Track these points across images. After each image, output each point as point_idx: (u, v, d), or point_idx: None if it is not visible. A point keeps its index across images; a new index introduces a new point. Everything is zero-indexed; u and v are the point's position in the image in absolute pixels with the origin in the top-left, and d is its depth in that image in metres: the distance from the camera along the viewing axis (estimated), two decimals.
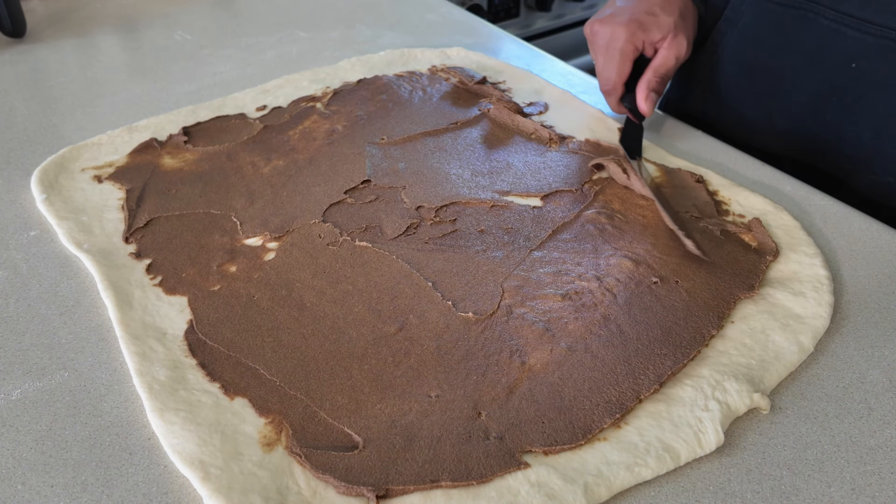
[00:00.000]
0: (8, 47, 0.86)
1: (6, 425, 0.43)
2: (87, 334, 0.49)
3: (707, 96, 0.75)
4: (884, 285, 0.53)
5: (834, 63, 0.65)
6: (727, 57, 0.72)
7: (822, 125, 0.67)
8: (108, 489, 0.39)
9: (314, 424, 0.42)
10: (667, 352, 0.46)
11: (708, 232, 0.56)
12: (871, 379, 0.46)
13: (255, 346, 0.47)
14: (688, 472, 0.40)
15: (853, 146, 0.66)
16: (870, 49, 0.62)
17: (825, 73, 0.66)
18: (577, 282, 0.51)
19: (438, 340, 0.47)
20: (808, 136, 0.68)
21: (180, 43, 0.88)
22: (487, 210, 0.58)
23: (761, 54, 0.70)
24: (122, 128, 0.69)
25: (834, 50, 0.64)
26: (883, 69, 0.62)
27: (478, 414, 0.42)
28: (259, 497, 0.38)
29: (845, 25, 0.63)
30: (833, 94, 0.66)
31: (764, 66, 0.70)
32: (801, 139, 0.69)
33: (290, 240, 0.55)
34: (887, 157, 0.64)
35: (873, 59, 0.62)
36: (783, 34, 0.68)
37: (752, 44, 0.70)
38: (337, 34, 0.91)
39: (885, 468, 0.41)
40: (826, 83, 0.66)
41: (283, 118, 0.70)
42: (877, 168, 0.65)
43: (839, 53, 0.64)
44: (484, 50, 0.86)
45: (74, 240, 0.55)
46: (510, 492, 0.38)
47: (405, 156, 0.65)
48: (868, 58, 0.63)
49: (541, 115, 0.72)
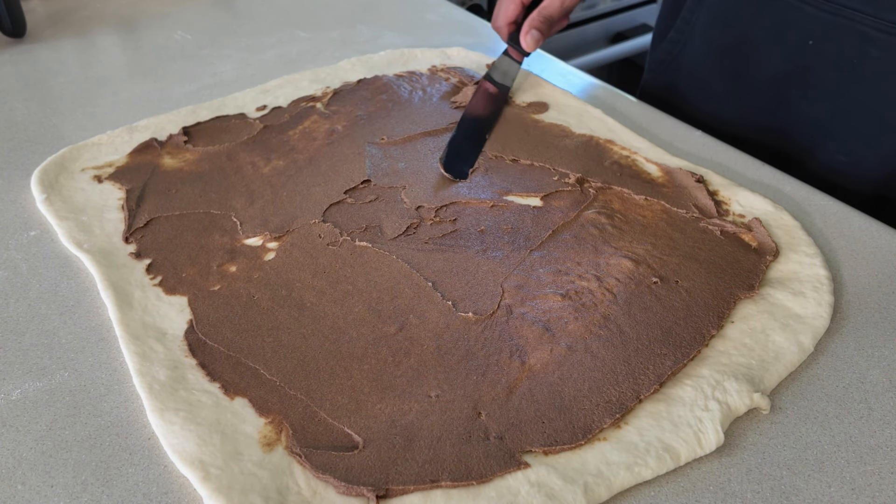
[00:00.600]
0: (8, 47, 0.86)
1: (6, 425, 0.43)
2: (87, 334, 0.49)
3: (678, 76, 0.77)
4: (884, 285, 0.53)
5: (794, 41, 0.67)
6: (697, 36, 0.75)
7: (783, 104, 0.69)
8: (108, 489, 0.39)
9: (314, 424, 0.42)
10: (667, 352, 0.46)
11: (708, 232, 0.56)
12: (871, 379, 0.46)
13: (255, 346, 0.47)
14: (688, 472, 0.40)
15: (810, 125, 0.68)
16: (827, 27, 0.64)
17: (786, 51, 0.68)
18: (577, 282, 0.51)
19: (438, 340, 0.47)
20: (770, 115, 0.70)
21: (180, 43, 0.88)
22: (487, 210, 0.58)
23: (728, 32, 0.72)
24: (122, 128, 0.69)
25: (794, 27, 0.66)
26: (838, 48, 0.64)
27: (478, 414, 0.42)
28: (259, 497, 0.38)
29: (805, 2, 0.65)
30: (794, 73, 0.68)
31: (730, 45, 0.72)
32: (764, 118, 0.71)
33: (290, 240, 0.55)
34: (841, 137, 0.66)
35: (830, 37, 0.64)
36: (747, 12, 0.70)
37: (719, 22, 0.73)
38: (337, 34, 0.91)
39: (885, 468, 0.41)
40: (788, 61, 0.68)
41: (283, 118, 0.70)
42: (832, 147, 0.67)
43: (798, 31, 0.66)
44: (484, 50, 0.86)
45: (74, 240, 0.55)
46: (510, 492, 0.38)
47: (405, 156, 0.65)
48: (825, 36, 0.64)
49: (541, 114, 0.72)
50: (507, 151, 0.65)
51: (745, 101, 0.72)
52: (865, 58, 0.63)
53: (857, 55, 0.63)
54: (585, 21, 1.57)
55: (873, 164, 0.65)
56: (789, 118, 0.69)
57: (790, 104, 0.69)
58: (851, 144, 0.66)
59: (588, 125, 0.70)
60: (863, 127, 0.65)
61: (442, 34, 0.92)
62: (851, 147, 0.66)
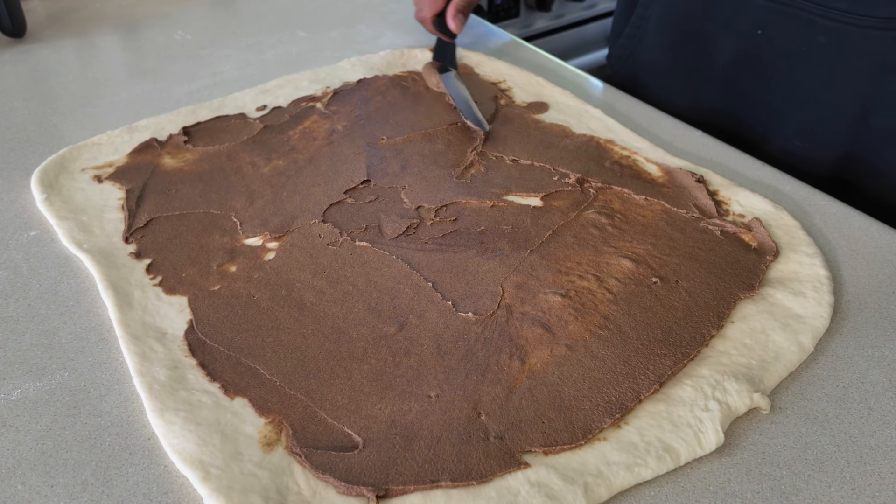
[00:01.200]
0: (8, 47, 0.86)
1: (6, 425, 0.43)
2: (87, 334, 0.49)
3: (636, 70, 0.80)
4: (884, 285, 0.53)
5: (745, 31, 0.69)
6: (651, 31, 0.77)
7: (738, 93, 0.72)
8: (108, 489, 0.39)
9: (314, 424, 0.42)
10: (667, 352, 0.46)
11: (708, 232, 0.56)
12: (871, 379, 0.46)
13: (255, 346, 0.47)
14: (688, 472, 0.40)
15: (765, 112, 0.70)
16: (775, 16, 0.66)
17: (738, 41, 0.70)
18: (577, 282, 0.51)
19: (438, 340, 0.47)
20: (727, 104, 0.73)
21: (180, 43, 0.88)
22: (487, 210, 0.58)
23: (681, 26, 0.75)
24: (122, 128, 0.69)
25: (745, 18, 0.69)
26: (787, 36, 0.66)
27: (478, 414, 0.42)
28: (259, 497, 0.38)
29: None
30: (746, 62, 0.70)
31: (684, 38, 0.75)
32: (721, 107, 0.73)
33: (290, 240, 0.55)
34: (794, 122, 0.69)
35: (779, 26, 0.66)
36: (699, 5, 0.73)
37: (673, 16, 0.75)
38: (337, 34, 0.91)
39: (885, 468, 0.41)
40: (740, 51, 0.70)
41: (283, 118, 0.70)
42: (787, 132, 0.69)
43: (748, 22, 0.68)
44: (484, 50, 0.86)
45: (74, 240, 0.55)
46: (510, 492, 0.38)
47: (405, 156, 0.65)
48: (775, 25, 0.67)
49: (541, 114, 0.72)
50: (508, 151, 0.65)
51: (702, 92, 0.74)
52: (813, 45, 0.65)
53: (806, 42, 0.65)
54: (585, 21, 1.57)
55: (827, 147, 0.67)
56: (745, 106, 0.72)
57: (744, 93, 0.71)
58: (805, 129, 0.68)
59: (588, 125, 0.70)
60: (814, 112, 0.67)
61: None
62: (805, 131, 0.68)
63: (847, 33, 0.63)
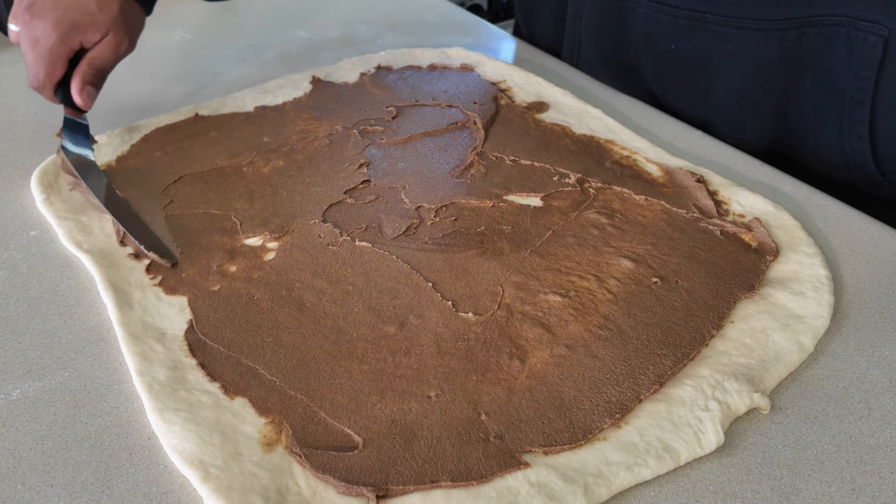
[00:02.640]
0: (8, 47, 0.86)
1: (6, 425, 0.43)
2: (87, 334, 0.49)
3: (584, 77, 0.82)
4: (884, 285, 0.53)
5: (660, 47, 0.73)
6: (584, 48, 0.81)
7: (665, 100, 0.76)
8: (108, 489, 0.39)
9: (314, 424, 0.42)
10: (667, 352, 0.46)
11: (708, 232, 0.56)
12: (871, 379, 0.46)
13: (255, 346, 0.47)
14: (688, 472, 0.40)
15: (688, 120, 0.73)
16: (683, 31, 0.70)
17: (655, 56, 0.74)
18: (577, 282, 0.51)
19: (438, 340, 0.47)
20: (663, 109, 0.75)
21: (180, 43, 0.88)
22: (487, 210, 0.58)
23: (608, 43, 0.78)
24: (122, 128, 0.69)
25: (657, 35, 0.72)
26: (696, 48, 0.70)
27: (478, 414, 0.42)
28: (259, 497, 0.38)
29: (661, 13, 0.71)
30: (666, 73, 0.74)
31: (613, 53, 0.78)
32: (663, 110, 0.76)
33: (290, 240, 0.55)
34: (719, 124, 0.72)
35: (688, 39, 0.70)
36: (616, 25, 0.76)
37: (599, 35, 0.79)
38: (337, 34, 0.91)
39: (885, 468, 0.41)
40: (659, 64, 0.74)
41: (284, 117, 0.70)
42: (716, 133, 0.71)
43: (661, 38, 0.72)
44: (484, 50, 0.86)
45: (74, 240, 0.55)
46: (510, 492, 0.38)
47: (405, 156, 0.65)
48: (684, 40, 0.70)
49: (541, 114, 0.72)
50: (507, 151, 0.65)
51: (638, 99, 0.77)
52: (723, 53, 0.68)
53: (715, 52, 0.69)
54: None
55: (756, 139, 0.71)
56: (675, 112, 0.75)
57: (671, 102, 0.75)
58: (730, 129, 0.71)
59: (588, 125, 0.70)
60: (734, 113, 0.71)
61: (442, 34, 0.92)
62: (731, 131, 0.71)
63: (752, 38, 0.66)
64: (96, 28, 0.60)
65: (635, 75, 0.78)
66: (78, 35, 0.60)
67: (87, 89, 0.61)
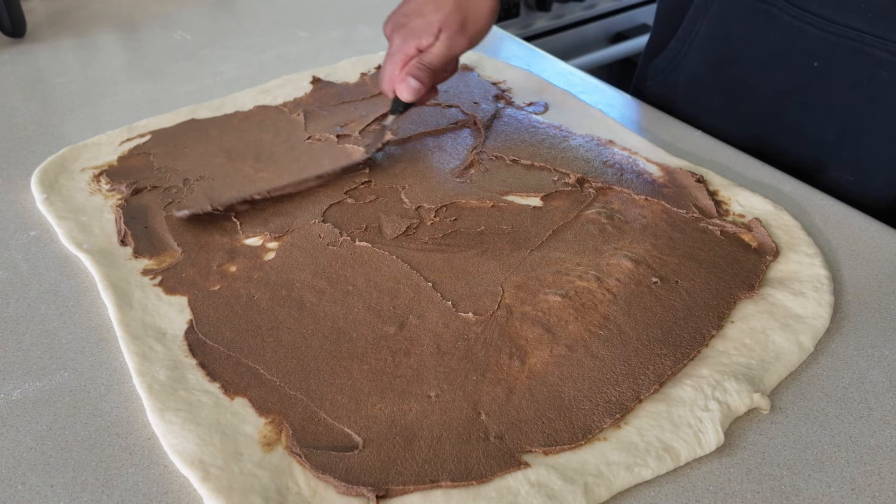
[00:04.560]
0: (8, 47, 0.86)
1: (6, 425, 0.43)
2: (87, 334, 0.49)
3: (676, 86, 0.76)
4: (884, 285, 0.53)
5: (796, 61, 0.65)
6: (697, 46, 0.73)
7: (784, 123, 0.68)
8: (108, 489, 0.39)
9: (314, 424, 0.42)
10: (667, 352, 0.46)
11: (708, 232, 0.56)
12: (871, 379, 0.46)
13: (255, 346, 0.47)
14: (688, 472, 0.40)
15: (815, 145, 0.66)
16: (831, 48, 0.62)
17: (788, 70, 0.66)
18: (577, 282, 0.51)
19: (438, 340, 0.47)
20: (771, 133, 0.69)
21: (180, 43, 0.88)
22: (487, 210, 0.58)
23: (728, 47, 0.70)
24: (122, 128, 0.69)
25: (797, 47, 0.65)
26: (845, 69, 0.62)
27: (478, 414, 0.42)
28: (259, 497, 0.38)
29: (807, 23, 0.63)
30: (795, 93, 0.66)
31: (730, 60, 0.70)
32: (764, 135, 0.70)
33: (290, 240, 0.55)
34: (849, 157, 0.65)
35: (835, 58, 0.62)
36: (748, 28, 0.68)
37: (719, 35, 0.70)
38: (337, 34, 0.91)
39: (885, 468, 0.41)
40: (788, 81, 0.66)
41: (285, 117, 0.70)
42: (838, 167, 0.66)
43: (802, 51, 0.64)
44: (484, 50, 0.86)
45: (74, 240, 0.55)
46: (510, 492, 0.38)
47: (405, 156, 0.65)
48: (830, 57, 0.63)
49: (541, 114, 0.72)
50: (508, 151, 0.65)
51: (743, 117, 0.71)
52: (875, 80, 0.61)
53: (866, 77, 0.62)
54: (585, 21, 1.57)
55: (881, 184, 0.64)
56: (791, 137, 0.68)
57: (792, 123, 0.68)
58: (858, 165, 0.65)
59: (588, 125, 0.70)
60: (871, 148, 0.64)
61: None
62: (858, 167, 0.65)
63: None
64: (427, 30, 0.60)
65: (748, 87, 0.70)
66: (413, 41, 0.60)
67: (408, 80, 0.60)
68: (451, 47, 0.60)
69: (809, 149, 0.67)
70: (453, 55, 0.61)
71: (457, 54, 0.61)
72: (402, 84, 0.60)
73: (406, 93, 0.60)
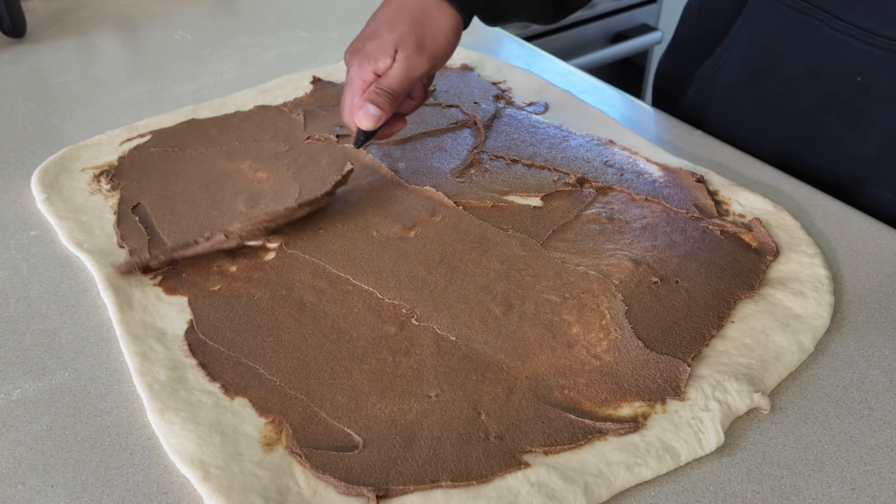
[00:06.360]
0: (8, 47, 0.86)
1: (6, 425, 0.43)
2: (87, 334, 0.49)
3: (711, 94, 0.74)
4: (884, 285, 0.53)
5: (837, 75, 0.63)
6: (737, 55, 0.70)
7: (821, 138, 0.66)
8: (108, 489, 0.39)
9: (314, 424, 0.42)
10: (667, 352, 0.46)
11: (708, 232, 0.55)
12: (871, 379, 0.46)
13: (255, 345, 0.47)
14: (688, 472, 0.40)
15: (855, 161, 0.64)
16: (876, 62, 0.60)
17: (827, 84, 0.64)
18: (577, 282, 0.51)
19: (438, 340, 0.47)
20: (805, 148, 0.67)
21: (180, 43, 0.88)
22: (487, 210, 0.58)
23: (767, 57, 0.68)
24: (122, 128, 0.69)
25: (838, 61, 0.62)
26: (888, 84, 0.60)
27: (478, 414, 0.42)
28: (259, 497, 0.38)
29: (851, 36, 0.61)
30: (835, 107, 0.64)
31: (768, 70, 0.68)
32: (797, 150, 0.68)
33: (290, 240, 0.55)
34: (890, 174, 0.63)
35: (879, 72, 0.60)
36: (789, 39, 0.65)
37: (760, 45, 0.68)
38: (337, 34, 0.91)
39: (885, 468, 0.41)
40: (828, 95, 0.64)
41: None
42: (878, 184, 0.64)
43: (843, 65, 0.62)
44: (484, 50, 0.86)
45: (74, 240, 0.55)
46: (510, 492, 0.38)
47: (405, 156, 0.65)
48: (874, 71, 0.61)
49: (541, 114, 0.72)
50: (508, 151, 0.65)
51: (777, 132, 0.69)
52: None
53: None
54: (585, 21, 1.57)
55: None
56: (828, 153, 0.66)
57: (829, 139, 0.65)
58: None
59: (588, 125, 0.70)
60: None
61: None
62: None
63: None
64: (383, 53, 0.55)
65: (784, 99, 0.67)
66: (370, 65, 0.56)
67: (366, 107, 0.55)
68: (409, 68, 0.55)
69: (848, 166, 0.65)
70: (414, 77, 0.55)
71: (417, 76, 0.55)
72: (360, 111, 0.55)
73: (365, 120, 0.55)
